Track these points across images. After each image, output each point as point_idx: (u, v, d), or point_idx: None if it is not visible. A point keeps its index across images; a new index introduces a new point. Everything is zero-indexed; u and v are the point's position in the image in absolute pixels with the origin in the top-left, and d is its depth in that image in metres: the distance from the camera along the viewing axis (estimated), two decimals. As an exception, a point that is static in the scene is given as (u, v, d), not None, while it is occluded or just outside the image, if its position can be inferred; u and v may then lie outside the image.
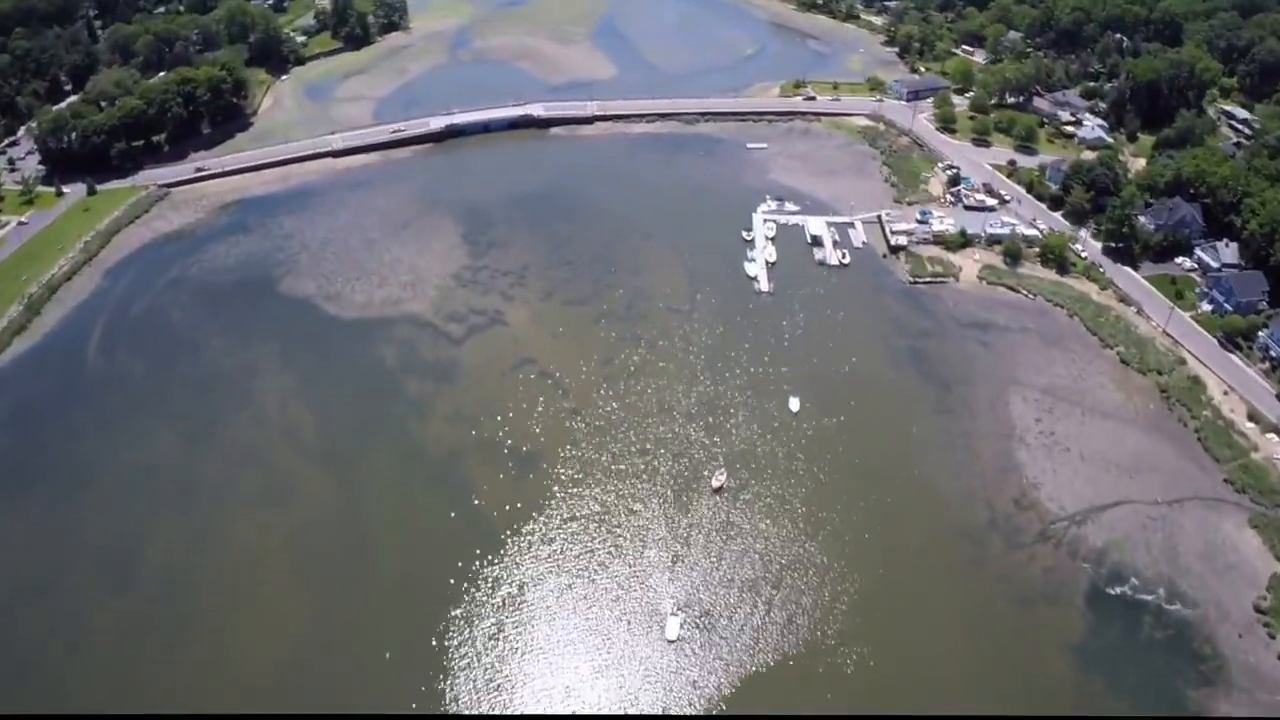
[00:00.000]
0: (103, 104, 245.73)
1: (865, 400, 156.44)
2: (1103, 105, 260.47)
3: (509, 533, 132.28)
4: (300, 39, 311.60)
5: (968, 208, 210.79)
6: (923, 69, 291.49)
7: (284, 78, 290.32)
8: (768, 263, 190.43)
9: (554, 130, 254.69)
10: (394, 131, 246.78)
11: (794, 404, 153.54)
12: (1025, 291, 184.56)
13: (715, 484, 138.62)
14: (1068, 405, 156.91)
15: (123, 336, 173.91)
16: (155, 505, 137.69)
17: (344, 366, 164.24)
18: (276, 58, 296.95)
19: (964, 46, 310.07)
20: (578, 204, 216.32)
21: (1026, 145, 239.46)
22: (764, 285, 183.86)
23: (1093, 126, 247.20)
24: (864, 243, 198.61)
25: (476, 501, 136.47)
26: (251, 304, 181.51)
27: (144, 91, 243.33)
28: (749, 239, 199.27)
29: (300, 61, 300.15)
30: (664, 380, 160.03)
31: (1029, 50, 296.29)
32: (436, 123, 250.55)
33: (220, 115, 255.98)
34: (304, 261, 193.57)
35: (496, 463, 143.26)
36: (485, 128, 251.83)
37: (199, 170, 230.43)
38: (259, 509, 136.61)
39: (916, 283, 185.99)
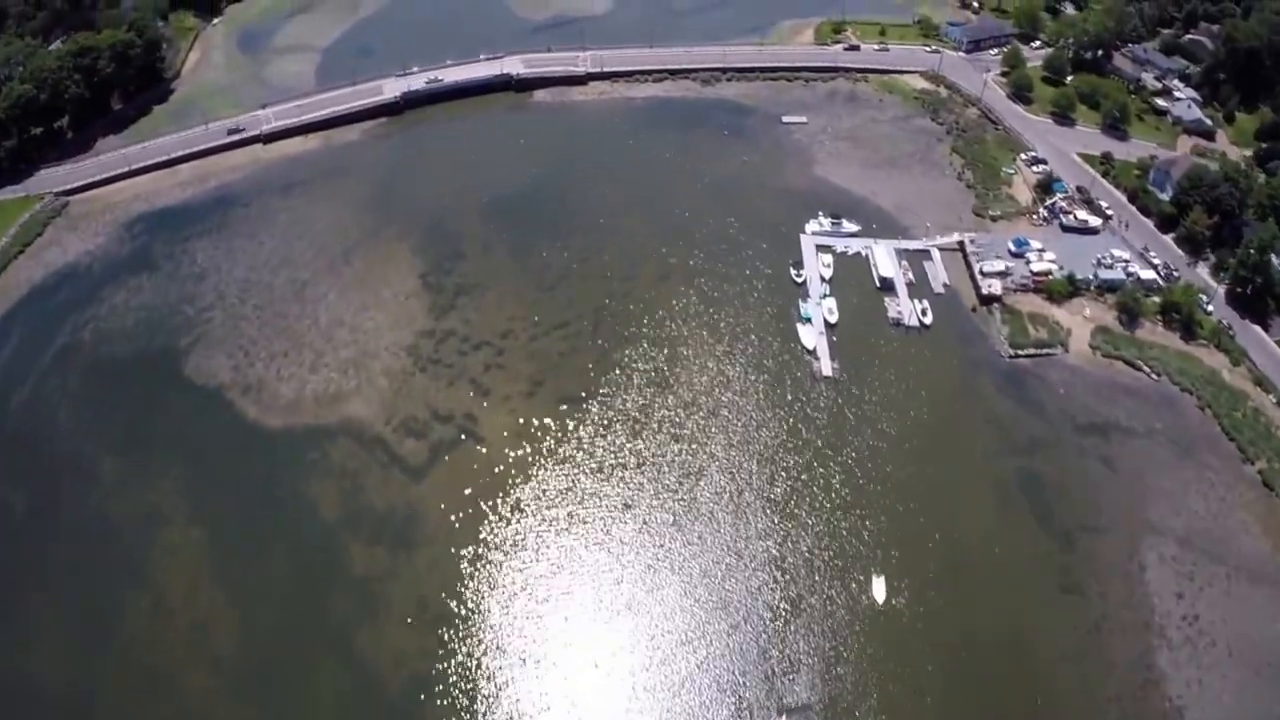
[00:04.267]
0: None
1: (970, 571, 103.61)
2: (1193, 68, 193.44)
3: None
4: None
5: (1065, 228, 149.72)
6: (975, 3, 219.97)
7: (216, 21, 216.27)
8: (827, 322, 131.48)
9: (537, 95, 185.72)
10: (338, 100, 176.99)
11: (878, 589, 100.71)
12: (1147, 369, 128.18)
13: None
14: (1210, 564, 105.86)
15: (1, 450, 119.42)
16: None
17: (268, 516, 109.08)
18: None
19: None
20: (571, 216, 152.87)
21: (1117, 126, 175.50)
22: (825, 365, 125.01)
23: (1188, 103, 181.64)
24: (945, 285, 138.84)
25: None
26: (153, 397, 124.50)
27: (33, 72, 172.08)
28: (799, 280, 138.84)
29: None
30: (702, 555, 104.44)
31: None
32: (391, 88, 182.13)
33: (133, 85, 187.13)
34: (218, 321, 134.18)
35: (475, 708, 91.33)
36: (451, 93, 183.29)
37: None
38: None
39: (1018, 356, 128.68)
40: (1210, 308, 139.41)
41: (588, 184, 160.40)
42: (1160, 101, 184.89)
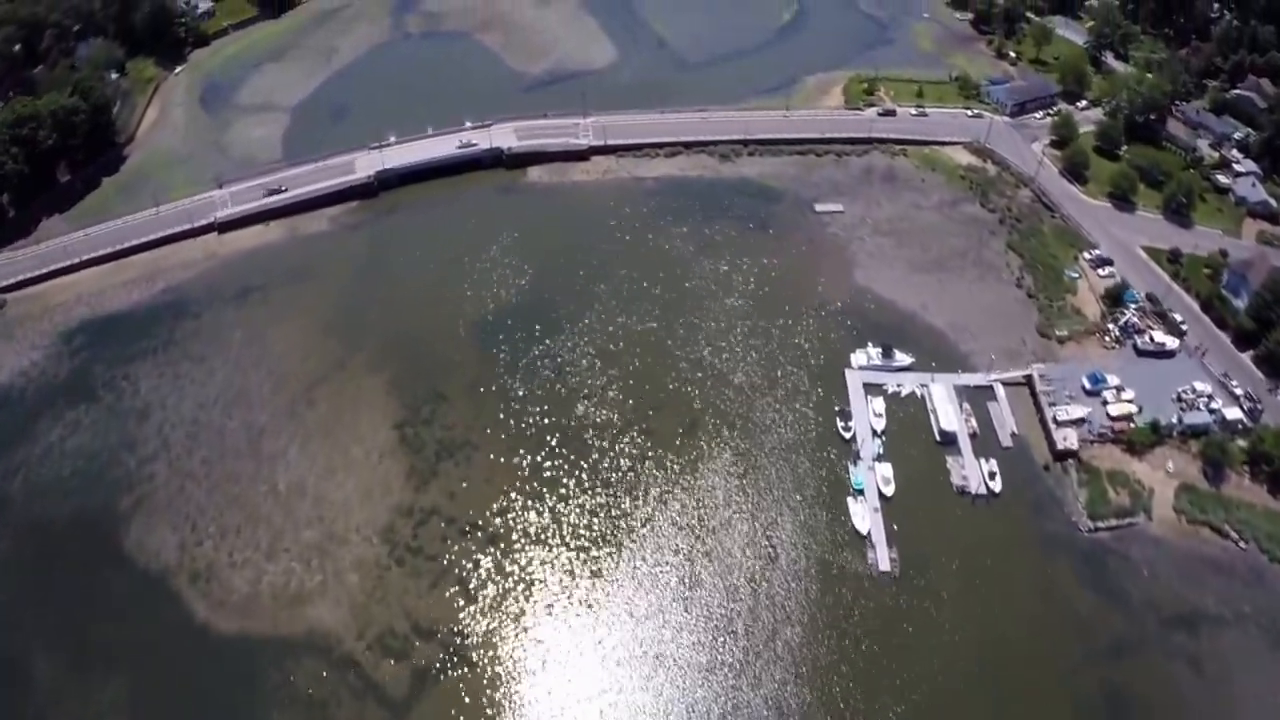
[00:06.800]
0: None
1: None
2: (1252, 135, 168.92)
3: None
4: (206, 4, 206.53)
5: (1140, 351, 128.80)
6: (1012, 53, 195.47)
7: (178, 70, 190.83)
8: (881, 494, 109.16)
9: (532, 173, 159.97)
10: (305, 179, 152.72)
11: None
12: (1235, 535, 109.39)
13: None
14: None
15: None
16: None
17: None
18: (169, 39, 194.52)
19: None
20: (573, 343, 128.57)
21: (1180, 211, 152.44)
22: (882, 557, 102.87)
23: (1251, 180, 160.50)
24: (1014, 435, 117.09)
25: None
26: (92, 577, 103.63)
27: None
28: (847, 435, 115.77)
29: (201, 41, 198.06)
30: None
31: (1136, 30, 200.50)
32: (364, 164, 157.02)
33: (81, 153, 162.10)
34: (161, 479, 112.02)
35: None
36: (433, 171, 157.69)
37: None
38: None
39: (1097, 529, 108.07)
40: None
41: (592, 298, 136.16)
42: (1221, 178, 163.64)
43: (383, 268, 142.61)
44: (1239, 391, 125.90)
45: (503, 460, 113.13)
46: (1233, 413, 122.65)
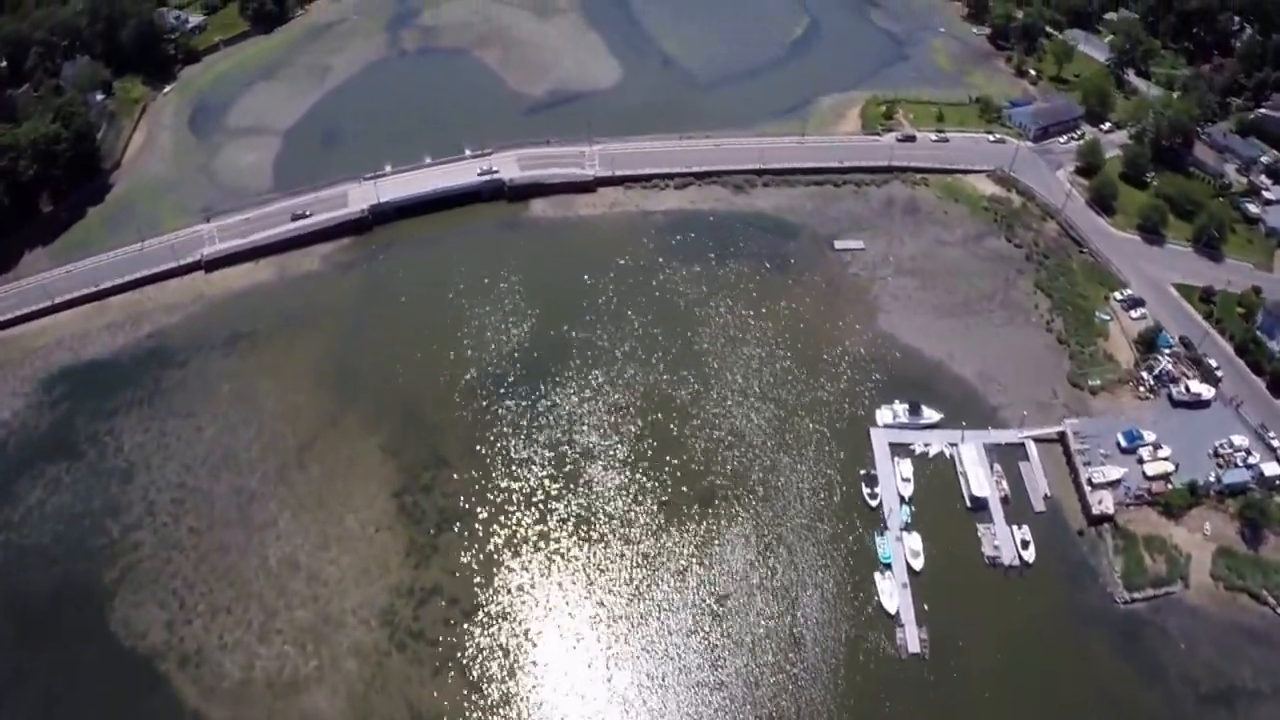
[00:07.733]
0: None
1: None
2: (1278, 157, 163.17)
3: None
4: (197, 19, 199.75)
5: (1175, 402, 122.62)
6: (1032, 71, 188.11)
7: (167, 89, 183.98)
8: (910, 568, 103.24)
9: (534, 206, 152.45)
10: (296, 209, 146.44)
11: None
12: (1273, 601, 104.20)
13: None
14: None
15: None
16: None
17: None
18: (158, 56, 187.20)
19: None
20: (580, 399, 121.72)
21: (1211, 245, 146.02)
22: (911, 637, 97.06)
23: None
24: (1047, 497, 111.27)
25: None
26: (76, 658, 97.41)
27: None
28: (874, 502, 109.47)
29: (192, 58, 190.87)
30: None
31: (1157, 45, 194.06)
32: (358, 197, 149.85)
33: (64, 182, 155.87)
34: (147, 549, 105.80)
35: None
36: (430, 204, 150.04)
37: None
38: None
39: (1134, 600, 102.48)
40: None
41: (599, 347, 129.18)
42: (1251, 207, 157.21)
43: (377, 313, 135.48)
44: (1277, 444, 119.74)
45: (508, 533, 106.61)
46: (1271, 468, 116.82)
